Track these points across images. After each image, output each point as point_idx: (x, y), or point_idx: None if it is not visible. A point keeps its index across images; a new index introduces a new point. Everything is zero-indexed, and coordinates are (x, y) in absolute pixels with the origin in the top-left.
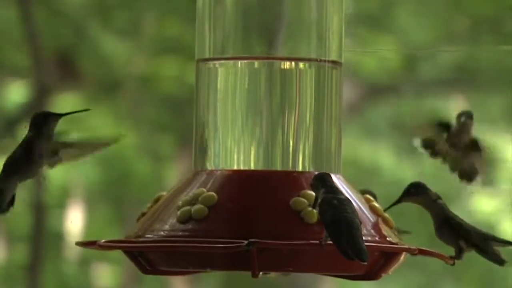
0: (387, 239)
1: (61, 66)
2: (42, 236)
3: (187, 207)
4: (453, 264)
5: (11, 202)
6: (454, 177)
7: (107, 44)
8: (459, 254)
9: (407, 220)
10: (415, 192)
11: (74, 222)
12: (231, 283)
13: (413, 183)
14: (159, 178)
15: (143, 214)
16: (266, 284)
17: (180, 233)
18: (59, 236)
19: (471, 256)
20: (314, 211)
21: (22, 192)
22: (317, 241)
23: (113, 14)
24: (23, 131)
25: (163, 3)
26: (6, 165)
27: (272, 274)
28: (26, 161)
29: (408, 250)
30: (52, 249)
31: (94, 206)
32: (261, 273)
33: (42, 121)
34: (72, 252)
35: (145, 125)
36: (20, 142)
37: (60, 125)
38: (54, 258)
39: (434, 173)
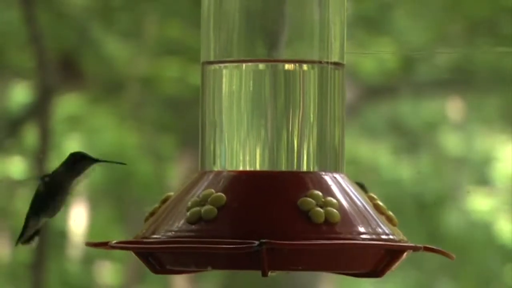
0: (393, 237)
1: (64, 67)
2: (46, 235)
3: (197, 208)
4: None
5: (35, 234)
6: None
7: (109, 45)
8: None
9: (406, 219)
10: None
11: (77, 220)
12: (232, 281)
13: None
14: (160, 178)
15: (151, 214)
16: (266, 282)
17: (192, 234)
18: (62, 235)
19: (468, 253)
20: (322, 210)
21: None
22: (325, 241)
23: (115, 16)
24: (26, 132)
25: (165, 5)
26: (33, 202)
27: (273, 273)
28: (52, 198)
29: (414, 248)
30: (56, 247)
31: (97, 205)
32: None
33: (76, 161)
34: (76, 250)
35: (147, 125)
36: (48, 176)
37: (62, 125)
38: (58, 257)
39: (431, 173)
